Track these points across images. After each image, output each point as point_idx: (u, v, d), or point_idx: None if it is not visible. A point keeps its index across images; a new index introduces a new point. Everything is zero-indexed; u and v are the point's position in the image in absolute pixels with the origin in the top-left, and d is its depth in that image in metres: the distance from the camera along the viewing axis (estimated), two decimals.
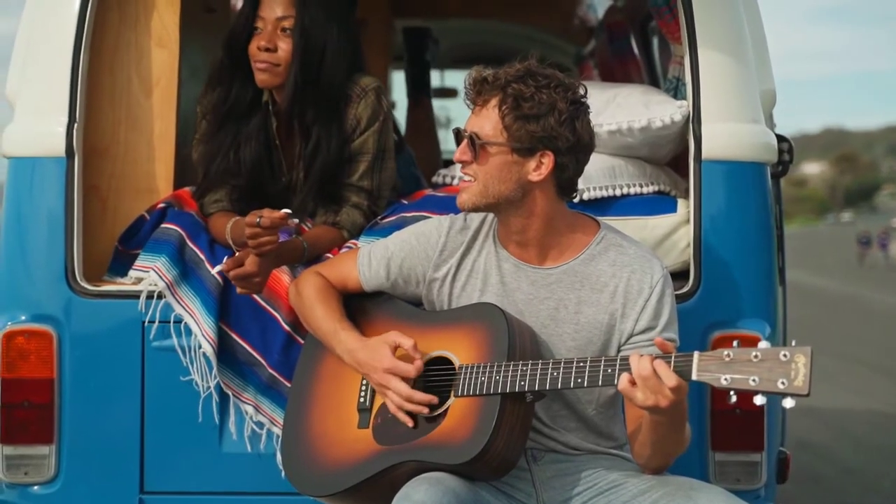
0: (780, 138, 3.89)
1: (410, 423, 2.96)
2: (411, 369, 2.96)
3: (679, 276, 3.48)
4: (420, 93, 5.57)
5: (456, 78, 7.73)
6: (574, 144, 3.01)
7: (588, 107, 3.05)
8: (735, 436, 3.42)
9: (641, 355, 2.78)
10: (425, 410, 2.94)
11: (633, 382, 2.77)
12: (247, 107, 3.58)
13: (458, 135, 3.06)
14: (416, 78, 5.56)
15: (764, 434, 3.41)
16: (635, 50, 5.06)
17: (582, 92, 3.04)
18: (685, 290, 3.42)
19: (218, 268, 3.32)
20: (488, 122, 3.01)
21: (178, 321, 3.41)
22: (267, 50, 3.47)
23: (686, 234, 3.47)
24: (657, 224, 3.50)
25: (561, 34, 6.49)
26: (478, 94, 3.04)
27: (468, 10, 6.28)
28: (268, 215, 3.21)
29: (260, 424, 3.42)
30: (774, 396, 2.68)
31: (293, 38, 3.47)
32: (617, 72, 5.05)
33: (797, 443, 8.27)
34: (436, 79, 7.52)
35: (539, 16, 6.29)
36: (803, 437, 8.58)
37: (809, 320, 17.16)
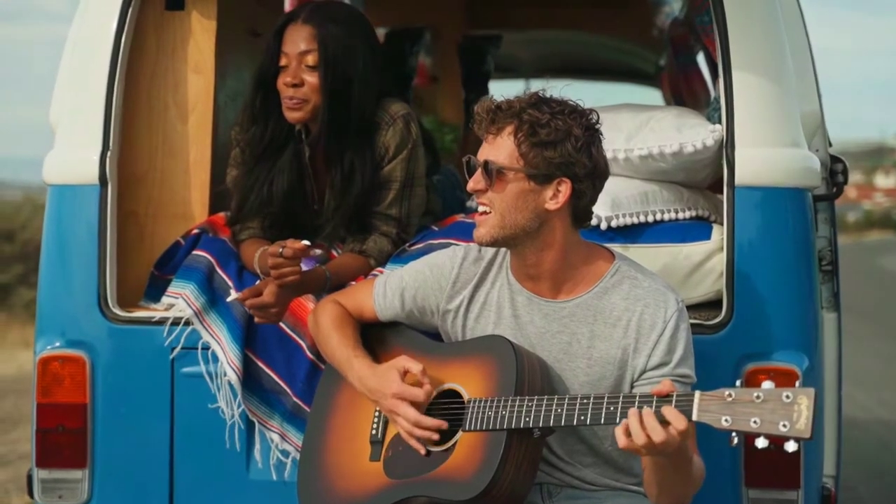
0: (835, 159, 3.75)
1: (423, 451, 2.92)
2: (420, 393, 2.93)
3: (713, 305, 3.37)
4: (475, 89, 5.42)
5: (539, 88, 7.65)
6: (591, 171, 2.95)
7: (601, 133, 2.98)
8: (770, 472, 3.30)
9: (640, 413, 2.67)
10: (435, 436, 2.91)
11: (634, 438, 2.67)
12: (282, 140, 3.58)
13: (469, 164, 3.01)
14: (473, 97, 5.44)
15: (800, 470, 3.28)
16: (701, 65, 4.92)
17: (595, 119, 2.97)
18: (718, 320, 3.31)
19: (232, 297, 3.32)
20: (503, 151, 2.96)
21: (206, 348, 3.43)
22: (294, 86, 3.46)
23: (720, 263, 3.36)
24: (690, 252, 3.39)
25: (641, 43, 6.38)
26: (491, 123, 2.99)
27: (545, 21, 6.22)
28: (290, 245, 3.22)
29: (285, 453, 3.42)
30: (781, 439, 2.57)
31: (319, 73, 3.45)
32: (683, 87, 4.93)
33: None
34: (520, 89, 7.48)
35: (618, 25, 6.20)
36: None
37: None
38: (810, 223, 3.39)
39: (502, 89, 7.72)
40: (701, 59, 4.95)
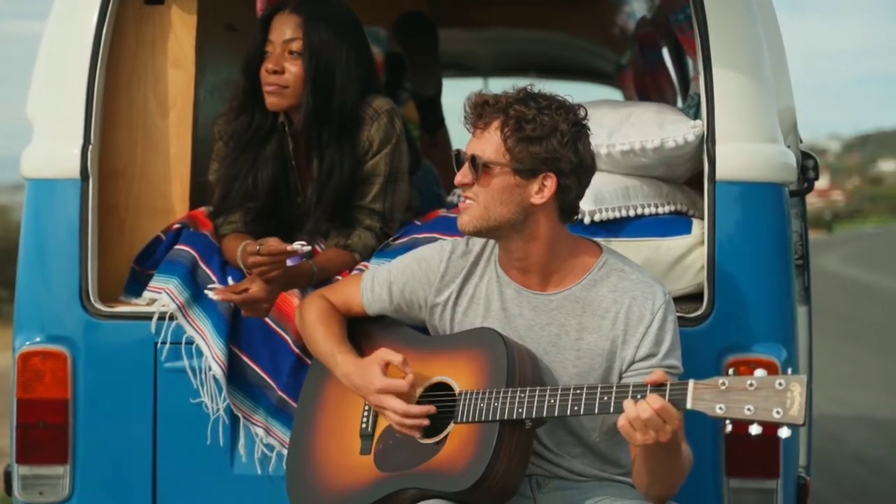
0: (806, 155, 3.82)
1: (418, 436, 2.94)
2: (403, 384, 2.95)
3: (693, 298, 3.43)
4: (433, 131, 5.40)
5: (499, 86, 7.68)
6: (577, 166, 2.99)
7: (589, 129, 3.02)
8: (750, 462, 3.35)
9: (636, 400, 2.72)
10: (426, 422, 2.93)
11: (632, 425, 2.73)
12: (267, 131, 3.59)
13: (458, 157, 3.04)
14: (427, 117, 5.40)
15: (780, 460, 3.35)
16: (668, 63, 4.99)
17: (582, 114, 3.01)
18: (699, 313, 3.36)
19: (213, 292, 3.31)
20: (490, 145, 2.99)
21: (190, 343, 3.43)
22: (274, 72, 3.47)
23: (700, 256, 3.42)
24: (671, 245, 3.45)
25: (602, 42, 6.44)
26: (479, 118, 3.03)
27: (509, 19, 6.25)
28: (267, 246, 3.23)
29: (270, 447, 3.42)
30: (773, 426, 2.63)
31: (303, 61, 3.47)
32: (649, 84, 4.99)
33: (852, 456, 8.13)
34: (478, 87, 7.50)
35: (580, 24, 6.25)
36: (860, 450, 8.41)
37: (879, 323, 16.85)
38: (787, 217, 3.46)
39: (460, 87, 7.75)
40: (667, 56, 5.02)
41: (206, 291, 3.35)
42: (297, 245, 3.25)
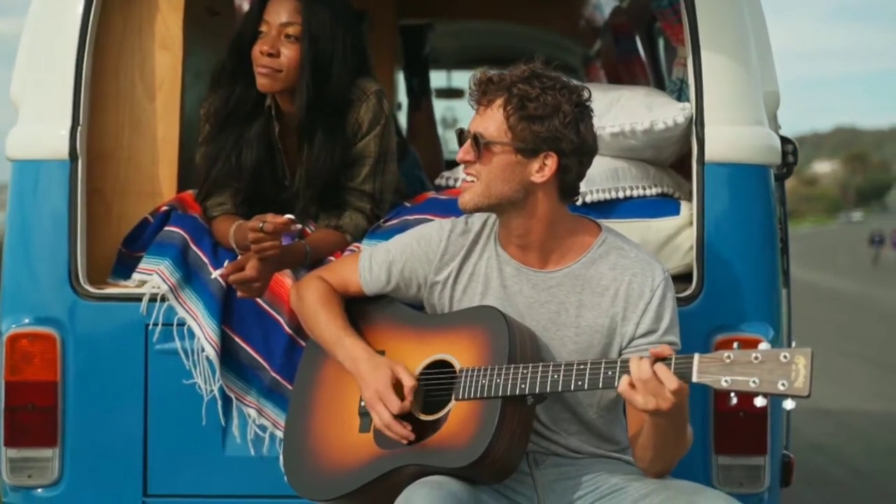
0: (785, 140, 3.89)
1: (404, 441, 2.96)
2: (396, 406, 2.97)
3: (682, 278, 3.47)
4: (420, 95, 5.52)
5: (462, 78, 7.72)
6: (578, 147, 3.02)
7: (592, 110, 3.05)
8: (738, 439, 3.41)
9: (641, 358, 2.77)
10: (403, 441, 2.95)
11: (633, 385, 2.76)
12: (249, 110, 3.58)
13: (461, 135, 3.06)
14: (415, 79, 5.51)
15: (767, 437, 3.40)
16: (641, 51, 5.05)
17: (586, 95, 3.04)
18: (688, 292, 3.41)
19: (217, 272, 3.32)
20: (492, 123, 3.01)
21: (182, 324, 3.41)
22: (270, 55, 3.47)
23: (689, 237, 3.47)
24: (660, 227, 3.50)
25: (568, 35, 6.49)
26: (483, 95, 3.05)
27: (475, 11, 6.28)
28: (271, 220, 3.22)
29: (263, 428, 3.42)
30: (776, 398, 2.67)
31: (301, 46, 3.46)
32: (622, 73, 5.05)
33: (808, 445, 8.27)
34: (442, 79, 7.52)
35: (546, 16, 6.29)
36: (815, 438, 8.57)
37: (821, 320, 17.12)
38: (773, 199, 3.52)
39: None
40: (640, 46, 5.07)
41: (211, 277, 3.34)
42: (289, 217, 3.25)
